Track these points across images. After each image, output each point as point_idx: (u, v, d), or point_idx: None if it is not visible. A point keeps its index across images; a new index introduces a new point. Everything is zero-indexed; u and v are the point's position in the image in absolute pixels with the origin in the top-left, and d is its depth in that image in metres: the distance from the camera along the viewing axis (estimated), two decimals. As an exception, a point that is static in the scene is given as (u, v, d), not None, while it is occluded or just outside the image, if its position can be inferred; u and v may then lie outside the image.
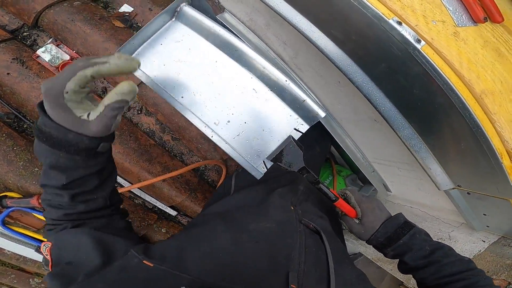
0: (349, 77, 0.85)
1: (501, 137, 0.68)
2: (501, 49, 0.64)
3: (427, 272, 0.65)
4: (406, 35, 0.59)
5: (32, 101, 1.02)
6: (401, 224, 0.71)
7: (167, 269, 0.45)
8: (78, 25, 1.04)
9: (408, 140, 0.90)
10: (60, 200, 0.52)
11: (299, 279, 0.50)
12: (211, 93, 0.69)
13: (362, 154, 1.35)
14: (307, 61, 1.10)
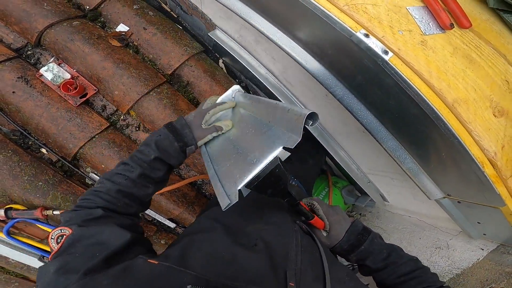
0: (330, 90, 0.86)
1: (480, 146, 0.67)
2: (472, 56, 0.64)
3: (386, 273, 0.71)
4: (373, 47, 0.61)
5: (36, 119, 1.08)
6: (360, 231, 0.74)
7: (172, 265, 0.47)
8: (77, 44, 1.09)
9: (393, 151, 0.89)
10: (128, 174, 0.67)
11: (297, 277, 0.51)
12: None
13: (356, 165, 1.33)
14: (295, 76, 1.12)
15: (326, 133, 1.30)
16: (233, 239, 0.58)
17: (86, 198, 0.64)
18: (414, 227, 1.27)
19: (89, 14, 1.23)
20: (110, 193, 0.65)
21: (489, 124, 0.64)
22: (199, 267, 0.48)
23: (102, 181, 0.68)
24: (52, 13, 1.09)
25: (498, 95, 0.64)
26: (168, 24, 1.30)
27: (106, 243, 0.52)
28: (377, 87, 0.72)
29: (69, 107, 1.11)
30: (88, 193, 0.66)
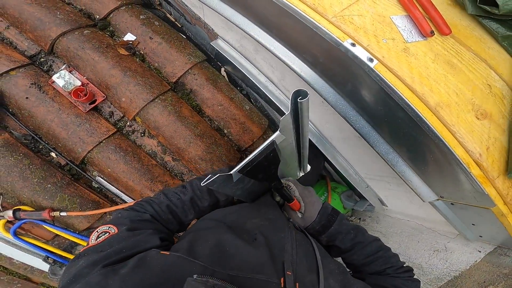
0: (324, 96, 0.91)
1: (464, 147, 0.70)
2: (453, 61, 0.68)
3: (354, 254, 0.76)
4: (359, 55, 0.65)
5: (48, 124, 1.15)
6: (330, 212, 0.79)
7: (182, 255, 0.52)
8: (88, 52, 1.15)
9: (385, 155, 0.93)
10: (181, 196, 0.77)
11: (293, 266, 0.57)
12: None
13: (354, 170, 1.37)
14: (293, 83, 1.17)
15: (324, 139, 1.34)
16: (235, 235, 0.62)
17: (141, 204, 0.73)
18: (412, 231, 1.28)
19: (99, 24, 1.31)
20: (161, 206, 0.74)
21: (472, 126, 0.67)
22: (206, 258, 0.53)
23: (160, 194, 0.77)
24: (64, 22, 1.17)
25: (480, 99, 0.68)
26: (173, 34, 1.38)
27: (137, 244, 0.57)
28: (366, 93, 0.76)
29: (79, 113, 1.18)
30: (144, 200, 0.75)
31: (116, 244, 0.56)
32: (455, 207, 0.92)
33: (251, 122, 1.45)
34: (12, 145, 1.16)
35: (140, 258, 0.52)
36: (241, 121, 1.43)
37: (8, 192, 1.22)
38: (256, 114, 1.49)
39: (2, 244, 1.33)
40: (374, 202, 1.42)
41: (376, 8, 0.72)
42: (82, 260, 0.52)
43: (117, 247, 0.55)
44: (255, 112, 1.50)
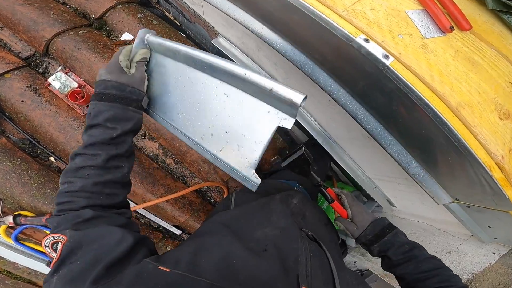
0: (333, 96, 0.86)
1: (486, 149, 0.65)
2: (475, 58, 0.63)
3: (407, 268, 0.74)
4: (373, 52, 0.60)
5: (45, 128, 1.11)
6: (386, 225, 0.82)
7: (184, 273, 0.46)
8: (84, 53, 1.11)
9: (398, 156, 0.88)
10: (93, 163, 0.61)
11: (308, 281, 0.52)
12: (192, 110, 0.70)
13: (362, 171, 1.32)
14: (298, 82, 1.12)
15: (331, 138, 1.29)
16: (242, 244, 0.57)
17: (64, 202, 0.59)
18: (423, 232, 1.24)
19: (94, 23, 1.26)
20: (86, 189, 0.59)
21: (495, 127, 0.62)
22: (212, 274, 0.48)
23: (68, 180, 0.60)
24: (58, 22, 1.12)
25: (503, 98, 0.63)
26: (172, 32, 1.33)
27: (109, 249, 0.50)
28: (380, 92, 0.71)
29: (76, 116, 1.13)
30: (62, 196, 0.59)
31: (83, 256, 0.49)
32: (471, 209, 0.87)
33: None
34: (9, 150, 1.13)
35: (136, 274, 0.46)
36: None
37: (7, 198, 1.19)
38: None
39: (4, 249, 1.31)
40: (383, 202, 1.38)
41: (390, 1, 0.66)
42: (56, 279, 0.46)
43: (87, 259, 0.48)
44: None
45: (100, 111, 0.64)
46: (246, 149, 0.62)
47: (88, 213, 0.56)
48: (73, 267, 0.47)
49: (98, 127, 0.63)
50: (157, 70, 0.77)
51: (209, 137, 0.67)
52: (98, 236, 0.53)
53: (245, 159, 0.63)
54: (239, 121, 0.63)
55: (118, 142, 0.65)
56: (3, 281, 1.41)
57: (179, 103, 0.73)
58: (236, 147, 0.64)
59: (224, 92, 0.64)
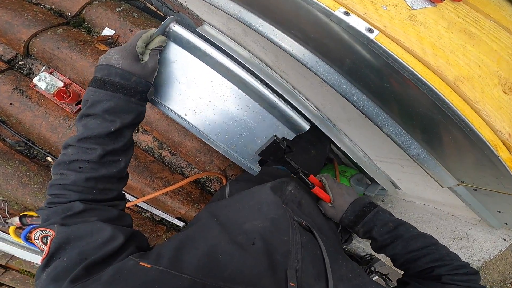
0: (321, 76, 0.78)
1: (491, 127, 0.57)
2: (471, 30, 0.54)
3: (396, 248, 0.69)
4: (355, 26, 0.53)
5: (36, 129, 1.09)
6: (366, 204, 0.78)
7: (165, 269, 0.44)
8: (65, 52, 1.08)
9: (396, 137, 0.81)
10: (87, 157, 0.55)
11: (298, 276, 0.48)
12: (209, 110, 0.76)
13: (363, 152, 1.24)
14: (288, 64, 1.04)
15: (328, 120, 1.22)
16: (230, 237, 0.54)
17: (55, 194, 0.55)
18: (430, 216, 1.16)
19: (72, 21, 1.21)
20: (78, 184, 0.55)
21: (500, 102, 0.54)
22: (195, 269, 0.45)
23: (61, 172, 0.56)
24: (34, 23, 1.08)
25: (506, 71, 0.54)
26: (155, 24, 1.27)
27: (96, 247, 0.47)
28: (369, 69, 0.63)
29: (66, 114, 1.11)
30: (54, 188, 0.56)
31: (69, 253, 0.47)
32: (478, 193, 0.79)
33: (249, 108, 1.34)
34: (6, 153, 1.13)
35: (115, 271, 0.43)
36: (239, 107, 1.33)
37: (11, 199, 1.20)
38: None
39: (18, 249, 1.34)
40: (387, 185, 1.30)
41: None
42: (43, 273, 0.45)
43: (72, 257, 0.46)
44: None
45: (99, 100, 0.57)
46: (256, 147, 0.79)
47: (78, 206, 0.53)
48: (58, 264, 0.45)
49: (95, 118, 0.57)
50: (172, 60, 0.74)
51: (224, 134, 0.79)
52: (87, 233, 0.50)
53: (253, 155, 0.81)
54: (253, 128, 0.79)
55: (116, 136, 0.59)
56: (23, 281, 1.46)
57: (195, 100, 0.76)
58: (248, 145, 0.80)
59: (247, 104, 0.77)
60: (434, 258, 0.63)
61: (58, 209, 0.53)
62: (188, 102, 0.75)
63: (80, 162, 0.55)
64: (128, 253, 0.48)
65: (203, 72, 0.75)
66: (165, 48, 0.73)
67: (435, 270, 0.61)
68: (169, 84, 0.75)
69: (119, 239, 0.49)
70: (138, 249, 0.52)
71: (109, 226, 0.51)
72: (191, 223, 0.69)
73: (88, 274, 0.43)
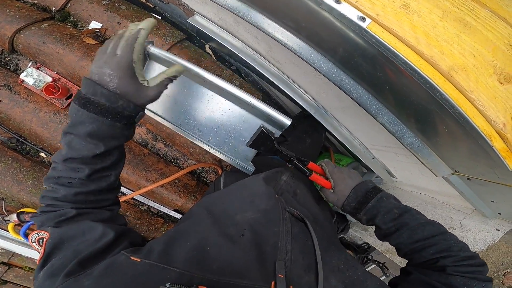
0: (314, 66, 0.76)
1: (485, 117, 0.56)
2: (466, 19, 0.52)
3: (401, 237, 0.65)
4: (346, 14, 0.50)
5: (27, 125, 1.07)
6: (369, 189, 0.72)
7: (154, 263, 0.44)
8: (51, 46, 1.03)
9: (391, 126, 0.80)
10: (75, 175, 0.55)
11: (287, 268, 0.48)
12: (200, 117, 0.83)
13: (358, 141, 1.23)
14: (282, 54, 1.02)
15: (322, 109, 1.20)
16: (220, 230, 0.53)
17: (48, 204, 0.55)
18: (425, 205, 1.17)
19: (56, 16, 1.16)
20: (68, 198, 0.55)
21: (495, 92, 0.52)
22: (183, 262, 0.45)
23: (51, 185, 0.56)
24: (16, 19, 1.04)
25: (502, 61, 0.52)
26: (144, 16, 1.22)
27: (88, 244, 0.49)
28: (361, 59, 0.62)
29: (57, 109, 1.08)
30: (46, 199, 0.56)
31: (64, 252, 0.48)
32: (472, 182, 0.79)
33: (242, 98, 1.32)
34: (-1, 150, 1.11)
35: (107, 265, 0.45)
36: (232, 97, 1.30)
37: (8, 197, 1.19)
38: (248, 89, 1.35)
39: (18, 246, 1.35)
40: (382, 174, 1.30)
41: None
42: (40, 273, 0.47)
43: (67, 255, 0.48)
44: (247, 87, 1.36)
45: (81, 122, 0.53)
46: (246, 147, 0.81)
47: (71, 212, 0.53)
48: (54, 262, 0.47)
49: (78, 138, 0.54)
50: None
51: (215, 138, 0.85)
52: (79, 232, 0.51)
53: (245, 154, 0.85)
54: (240, 129, 0.82)
55: (104, 156, 0.57)
56: (27, 277, 1.47)
57: (187, 110, 0.83)
58: (238, 146, 0.84)
59: (229, 108, 0.81)
60: (441, 249, 0.59)
61: (51, 215, 0.54)
62: (179, 111, 0.83)
63: (69, 178, 0.55)
64: (120, 249, 0.49)
65: (184, 84, 0.81)
66: (147, 68, 0.78)
67: (440, 260, 0.58)
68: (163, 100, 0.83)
69: (109, 235, 0.50)
70: (131, 245, 0.53)
71: (99, 225, 0.52)
72: (184, 217, 0.68)
73: (82, 269, 0.44)
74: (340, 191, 0.74)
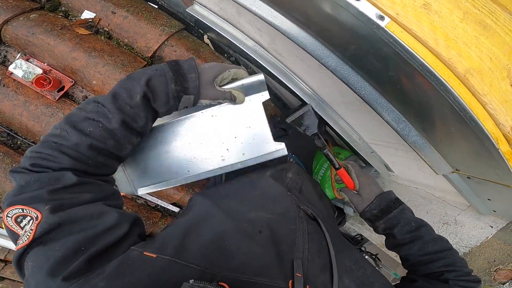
0: (322, 61, 0.74)
1: (495, 120, 0.56)
2: (487, 21, 0.50)
3: (412, 248, 0.67)
4: (365, 12, 0.48)
5: (17, 118, 1.01)
6: (392, 200, 0.74)
7: (172, 258, 0.41)
8: (40, 38, 0.98)
9: (396, 124, 0.79)
10: (104, 122, 0.50)
11: (304, 266, 0.47)
12: (197, 148, 0.70)
13: (358, 135, 1.23)
14: (285, 46, 0.99)
15: (324, 103, 1.19)
16: (235, 225, 0.51)
17: (45, 153, 0.46)
18: (421, 200, 1.19)
19: (46, 5, 1.09)
20: (79, 149, 0.47)
21: (506, 95, 0.52)
22: (201, 258, 0.43)
23: (64, 128, 0.48)
24: (3, 9, 0.97)
25: None
26: (140, 5, 1.15)
27: (98, 235, 0.42)
28: (374, 57, 0.60)
29: (48, 102, 1.03)
30: (46, 145, 0.46)
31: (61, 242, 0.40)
32: (472, 181, 0.80)
33: (242, 90, 1.29)
34: (-12, 146, 1.05)
35: (119, 263, 0.40)
36: (230, 88, 1.27)
37: (0, 193, 1.14)
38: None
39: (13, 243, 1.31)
40: (380, 168, 1.31)
41: None
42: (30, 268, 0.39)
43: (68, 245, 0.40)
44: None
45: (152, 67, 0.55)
46: (257, 134, 0.70)
47: (71, 178, 0.45)
48: (50, 254, 0.39)
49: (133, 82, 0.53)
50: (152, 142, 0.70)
51: (227, 153, 0.71)
52: (85, 216, 0.43)
53: (262, 141, 0.71)
54: (237, 123, 0.70)
55: (138, 111, 0.53)
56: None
57: (181, 154, 0.71)
58: (252, 140, 0.70)
59: (211, 115, 0.69)
60: (447, 263, 0.63)
61: (44, 177, 0.44)
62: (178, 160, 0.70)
63: (95, 123, 0.49)
64: (130, 243, 0.45)
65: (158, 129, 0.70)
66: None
67: (444, 274, 0.62)
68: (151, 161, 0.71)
69: (123, 226, 0.45)
70: (140, 238, 0.49)
71: (114, 211, 0.46)
72: (189, 207, 0.64)
73: (91, 268, 0.39)
74: (366, 194, 0.76)
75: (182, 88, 0.56)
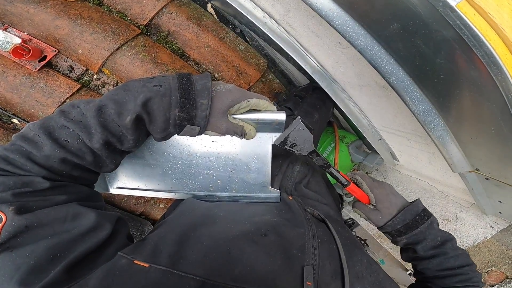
0: (349, 39, 0.63)
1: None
2: None
3: (432, 263, 0.60)
4: (433, -17, 0.36)
5: (0, 92, 0.87)
6: (419, 212, 0.61)
7: (167, 269, 0.35)
8: (19, 6, 0.84)
9: (423, 116, 0.70)
10: (84, 137, 0.40)
11: (315, 274, 0.41)
12: (186, 169, 0.61)
13: (368, 120, 1.14)
14: (300, 19, 0.85)
15: (335, 83, 1.08)
16: (238, 229, 0.44)
17: (14, 159, 0.38)
18: (423, 193, 1.13)
19: None
20: (50, 162, 0.39)
21: None
22: (201, 268, 0.36)
23: (38, 133, 0.39)
24: None
25: None
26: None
27: (75, 239, 0.36)
28: (423, 40, 0.48)
29: (28, 73, 0.88)
30: (14, 149, 0.38)
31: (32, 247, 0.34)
32: (490, 182, 0.73)
33: (246, 64, 1.16)
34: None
35: (105, 273, 0.33)
36: (235, 63, 1.14)
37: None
38: (253, 55, 1.18)
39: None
40: (385, 155, 1.24)
41: None
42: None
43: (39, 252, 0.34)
44: (252, 52, 1.18)
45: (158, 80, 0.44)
46: (256, 177, 0.62)
47: (41, 183, 0.38)
48: (19, 261, 0.33)
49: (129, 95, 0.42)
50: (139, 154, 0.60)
51: (217, 185, 0.62)
52: (58, 218, 0.37)
53: (258, 182, 0.62)
54: (237, 158, 0.61)
55: (126, 133, 0.43)
56: None
57: (171, 171, 0.61)
58: (247, 181, 0.62)
59: (212, 139, 0.59)
60: (465, 279, 0.58)
61: (9, 180, 0.37)
62: (161, 173, 0.62)
63: (73, 135, 0.40)
64: (115, 247, 0.38)
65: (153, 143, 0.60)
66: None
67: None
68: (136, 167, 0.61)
69: (105, 228, 0.38)
70: (126, 239, 0.42)
71: (91, 211, 0.39)
72: (186, 209, 0.55)
73: (71, 278, 0.33)
74: (385, 209, 0.62)
75: (188, 116, 0.44)
